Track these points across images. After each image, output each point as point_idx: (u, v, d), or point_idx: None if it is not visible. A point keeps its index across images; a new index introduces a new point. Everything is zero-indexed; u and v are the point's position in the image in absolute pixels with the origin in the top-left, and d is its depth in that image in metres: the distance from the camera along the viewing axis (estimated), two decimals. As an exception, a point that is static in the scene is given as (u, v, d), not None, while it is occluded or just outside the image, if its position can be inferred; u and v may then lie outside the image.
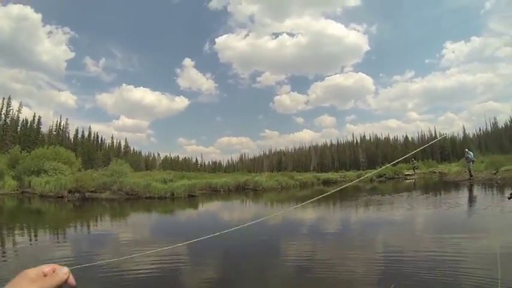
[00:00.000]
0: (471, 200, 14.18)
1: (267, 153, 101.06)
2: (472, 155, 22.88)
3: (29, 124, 60.27)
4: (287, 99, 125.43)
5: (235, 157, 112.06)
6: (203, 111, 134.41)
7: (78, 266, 1.23)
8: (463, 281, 4.72)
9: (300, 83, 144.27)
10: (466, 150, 23.67)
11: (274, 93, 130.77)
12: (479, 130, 79.79)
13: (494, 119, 77.94)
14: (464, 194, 16.22)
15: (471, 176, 22.15)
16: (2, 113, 56.63)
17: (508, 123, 71.45)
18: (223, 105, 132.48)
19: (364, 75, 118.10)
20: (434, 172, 34.47)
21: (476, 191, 16.69)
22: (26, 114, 67.84)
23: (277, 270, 6.01)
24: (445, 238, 7.51)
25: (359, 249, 7.29)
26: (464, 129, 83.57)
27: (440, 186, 22.33)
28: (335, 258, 6.54)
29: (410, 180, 31.79)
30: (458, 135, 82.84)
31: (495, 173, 21.11)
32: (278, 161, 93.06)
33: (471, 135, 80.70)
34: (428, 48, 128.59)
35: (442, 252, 6.21)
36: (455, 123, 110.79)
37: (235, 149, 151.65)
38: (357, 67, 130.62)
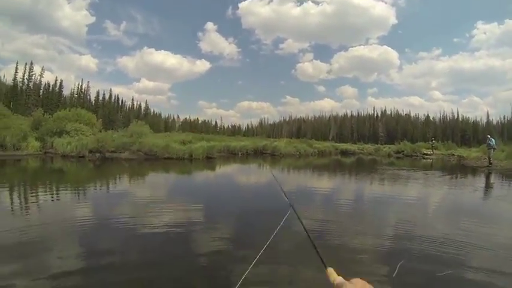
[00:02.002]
0: (488, 187, 13.72)
1: (287, 119, 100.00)
2: (494, 142, 21.95)
3: (51, 88, 61.08)
4: (309, 67, 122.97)
5: (255, 122, 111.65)
6: (224, 75, 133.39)
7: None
8: (470, 264, 4.68)
9: (323, 52, 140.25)
10: (488, 136, 22.77)
11: (297, 61, 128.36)
12: (504, 118, 75.36)
13: None
14: (481, 181, 15.69)
15: (490, 163, 21.28)
16: (25, 77, 57.47)
17: None
18: (245, 70, 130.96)
19: (389, 48, 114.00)
20: (453, 155, 33.45)
21: (494, 179, 16.09)
22: (48, 78, 68.92)
23: (284, 236, 5.90)
24: (456, 221, 7.42)
25: (370, 223, 7.21)
26: (488, 115, 79.51)
27: (458, 169, 21.75)
28: (344, 230, 6.51)
29: (428, 160, 31.20)
30: (481, 120, 79.23)
31: None
32: (297, 128, 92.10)
33: (494, 122, 76.82)
34: (458, 27, 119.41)
35: (452, 235, 6.11)
36: (480, 108, 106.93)
37: (256, 113, 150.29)
38: (382, 40, 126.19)
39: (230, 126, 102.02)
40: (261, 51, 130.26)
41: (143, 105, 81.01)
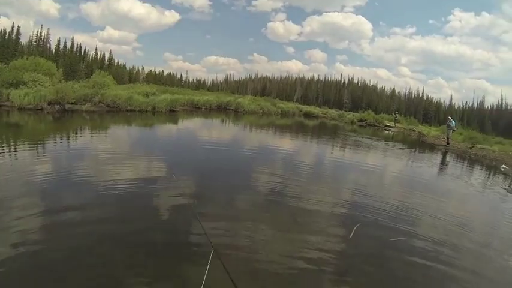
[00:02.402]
0: (443, 164, 14.79)
1: (253, 77, 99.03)
2: (454, 124, 23.24)
3: (7, 35, 56.93)
4: (280, 27, 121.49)
5: (221, 77, 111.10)
6: (193, 28, 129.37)
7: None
8: (421, 232, 5.20)
9: (296, 14, 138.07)
10: (449, 117, 24.00)
11: (268, 20, 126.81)
12: (466, 104, 79.02)
13: (483, 97, 79.50)
14: (438, 158, 16.79)
15: (448, 143, 22.67)
16: (-23, 21, 53.67)
17: (495, 106, 70.96)
18: (215, 24, 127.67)
19: (363, 19, 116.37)
20: (414, 130, 34.54)
21: (450, 158, 17.30)
22: (4, 24, 64.32)
23: (245, 195, 6.31)
24: (411, 192, 8.04)
25: (329, 187, 7.61)
26: (451, 98, 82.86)
27: (417, 144, 22.94)
28: (304, 192, 6.77)
29: (390, 132, 32.41)
30: (444, 102, 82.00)
31: (471, 148, 21.57)
32: (263, 87, 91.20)
33: (456, 106, 79.83)
34: (435, 10, 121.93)
35: (406, 204, 6.70)
36: (444, 90, 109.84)
37: (222, 69, 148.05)
38: (358, 9, 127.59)
39: (195, 81, 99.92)
40: (233, 6, 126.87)
41: (107, 56, 77.22)
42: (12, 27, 58.16)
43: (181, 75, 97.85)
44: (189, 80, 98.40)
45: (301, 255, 4.05)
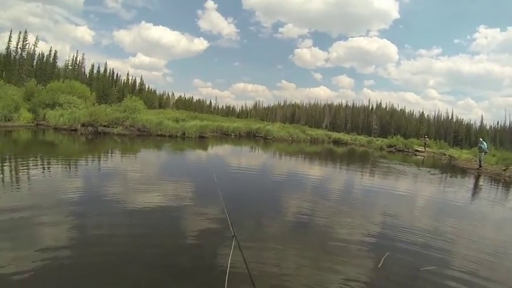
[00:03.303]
0: (476, 188, 14.01)
1: (282, 104, 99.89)
2: (486, 146, 22.09)
3: (45, 58, 59.98)
4: (307, 54, 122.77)
5: (250, 104, 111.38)
6: (222, 55, 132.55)
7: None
8: (454, 262, 4.77)
9: (322, 40, 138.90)
10: (481, 139, 22.89)
11: (295, 46, 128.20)
12: (497, 124, 76.61)
13: None
14: (470, 182, 15.97)
15: (480, 166, 21.54)
16: (18, 46, 56.32)
17: None
18: (243, 51, 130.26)
19: (389, 42, 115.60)
20: (444, 154, 33.57)
21: (483, 181, 16.38)
22: (42, 48, 67.57)
23: (273, 221, 6.08)
24: (443, 218, 7.54)
25: (358, 214, 7.25)
26: (482, 119, 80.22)
27: (448, 169, 21.95)
28: (333, 219, 6.55)
29: (420, 157, 31.39)
30: (475, 123, 79.73)
31: (505, 169, 20.30)
32: (291, 114, 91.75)
33: (488, 127, 77.69)
34: (460, 28, 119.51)
35: (438, 231, 6.27)
36: (474, 111, 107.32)
37: (250, 96, 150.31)
38: (382, 33, 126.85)
39: (224, 107, 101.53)
40: (260, 33, 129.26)
41: (138, 81, 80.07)
42: (50, 51, 61.41)
43: (210, 102, 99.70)
44: (218, 106, 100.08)
45: (329, 285, 3.81)
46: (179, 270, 3.83)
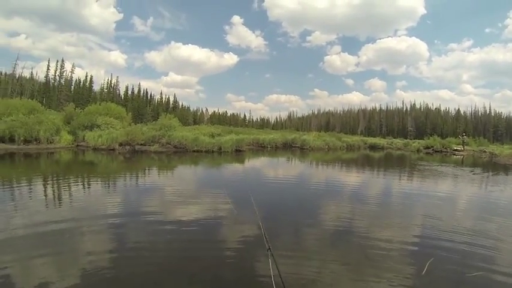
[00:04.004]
0: None
1: (316, 112, 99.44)
2: None
3: (81, 83, 62.67)
4: (337, 60, 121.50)
5: (284, 115, 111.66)
6: (252, 68, 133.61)
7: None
8: (501, 267, 4.42)
9: (350, 44, 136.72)
10: None
11: (324, 53, 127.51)
12: None
13: None
14: None
15: None
16: (57, 74, 59.27)
17: None
18: (273, 63, 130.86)
19: (418, 40, 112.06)
20: (485, 151, 32.42)
21: None
22: (79, 74, 70.93)
23: (310, 233, 5.87)
24: (489, 220, 7.04)
25: (399, 219, 6.98)
26: None
27: (489, 167, 20.62)
28: (372, 226, 6.31)
29: (459, 156, 30.05)
30: None
31: None
32: (326, 122, 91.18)
33: None
34: (489, 17, 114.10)
35: (484, 235, 5.84)
36: None
37: (284, 106, 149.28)
38: (411, 31, 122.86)
39: (259, 119, 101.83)
40: (288, 43, 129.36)
41: (171, 99, 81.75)
42: (86, 76, 64.09)
43: (244, 115, 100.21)
44: (252, 119, 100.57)
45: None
46: (220, 284, 3.81)
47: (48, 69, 58.66)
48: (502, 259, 4.69)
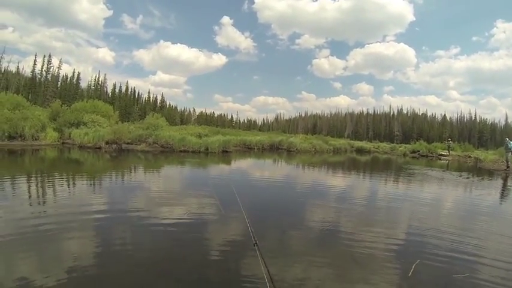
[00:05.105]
0: (505, 190, 13.35)
1: (303, 115, 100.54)
2: None
3: (68, 80, 62.22)
4: (325, 63, 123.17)
5: (271, 117, 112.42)
6: (241, 69, 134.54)
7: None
8: (487, 268, 4.53)
9: (339, 48, 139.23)
10: (507, 139, 21.70)
11: (313, 56, 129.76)
12: None
13: None
14: (498, 184, 15.25)
15: (508, 167, 20.62)
16: (43, 69, 58.76)
17: None
18: (261, 65, 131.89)
19: (406, 46, 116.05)
20: (470, 156, 33.11)
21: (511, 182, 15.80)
22: (66, 70, 70.38)
23: (297, 232, 5.94)
24: (471, 223, 7.31)
25: (385, 221, 7.08)
26: (506, 117, 78.76)
27: (474, 171, 21.15)
28: (359, 228, 6.36)
29: (444, 161, 30.63)
30: (499, 122, 78.75)
31: None
32: (313, 124, 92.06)
33: None
34: (477, 25, 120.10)
35: (469, 237, 5.99)
36: (498, 109, 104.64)
37: (271, 108, 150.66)
38: (399, 37, 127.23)
39: (246, 121, 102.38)
40: (277, 46, 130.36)
41: (159, 98, 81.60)
42: (73, 73, 63.76)
43: (231, 116, 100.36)
44: (239, 120, 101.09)
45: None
46: (207, 284, 3.78)
47: (35, 64, 58.17)
48: (487, 261, 4.79)
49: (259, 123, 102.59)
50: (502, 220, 7.88)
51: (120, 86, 71.33)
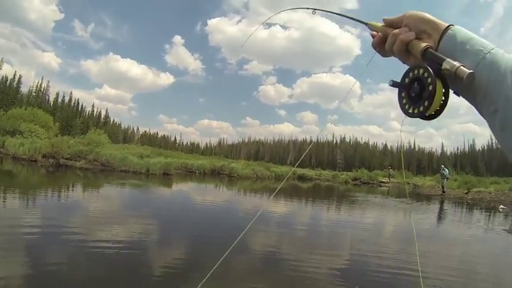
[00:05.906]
0: (441, 213, 15.01)
1: (246, 140, 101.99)
2: (447, 172, 24.11)
3: (8, 82, 58.25)
4: (272, 90, 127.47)
5: (214, 141, 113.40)
6: (187, 90, 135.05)
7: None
8: (424, 285, 4.77)
9: (286, 76, 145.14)
10: (442, 166, 25.09)
11: (260, 83, 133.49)
12: (457, 149, 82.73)
13: (473, 141, 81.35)
14: (435, 208, 16.91)
15: (443, 192, 23.31)
16: (-19, 67, 55.03)
17: (486, 147, 73.91)
18: (208, 88, 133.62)
19: (351, 77, 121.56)
20: (409, 183, 35.44)
21: (447, 206, 17.63)
22: (7, 71, 65.69)
23: (240, 261, 5.78)
24: (410, 245, 7.51)
25: (326, 247, 7.41)
26: (442, 146, 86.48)
27: (413, 197, 22.93)
28: (301, 254, 6.54)
29: (385, 188, 32.50)
30: (436, 150, 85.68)
31: (467, 193, 22.46)
32: (256, 150, 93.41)
33: (448, 153, 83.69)
34: None
35: (407, 258, 6.32)
36: (435, 139, 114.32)
37: (215, 132, 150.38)
38: (345, 69, 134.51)
39: (189, 144, 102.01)
40: (226, 70, 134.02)
41: (103, 113, 79.17)
42: (14, 75, 59.75)
43: (175, 138, 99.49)
44: (182, 143, 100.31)
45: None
46: None
47: (-30, 59, 54.20)
48: (426, 280, 4.99)
49: (202, 147, 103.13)
50: (438, 240, 8.75)
51: (64, 96, 68.45)
